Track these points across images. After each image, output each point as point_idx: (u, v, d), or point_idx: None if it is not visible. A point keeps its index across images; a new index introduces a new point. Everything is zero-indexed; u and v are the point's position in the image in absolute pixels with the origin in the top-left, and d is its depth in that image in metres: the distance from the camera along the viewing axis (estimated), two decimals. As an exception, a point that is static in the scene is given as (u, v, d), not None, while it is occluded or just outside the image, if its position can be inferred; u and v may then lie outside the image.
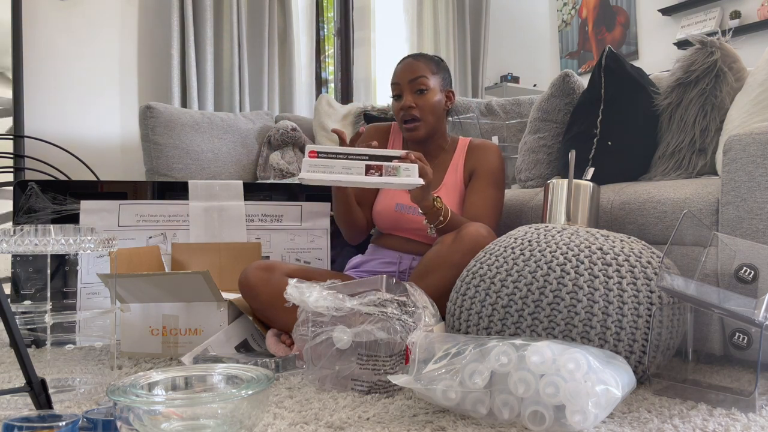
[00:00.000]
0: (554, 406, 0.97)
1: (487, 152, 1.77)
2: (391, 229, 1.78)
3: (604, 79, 1.94)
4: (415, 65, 1.72)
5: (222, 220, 2.05)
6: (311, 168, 1.42)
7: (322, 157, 1.42)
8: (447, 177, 1.77)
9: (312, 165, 1.42)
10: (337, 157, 1.42)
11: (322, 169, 1.42)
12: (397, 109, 1.73)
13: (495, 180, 1.74)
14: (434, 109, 1.72)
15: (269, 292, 1.51)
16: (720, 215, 1.40)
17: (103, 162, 2.93)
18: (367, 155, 1.43)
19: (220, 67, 3.35)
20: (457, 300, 1.36)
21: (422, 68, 1.72)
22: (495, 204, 1.72)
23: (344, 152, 1.43)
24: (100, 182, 1.98)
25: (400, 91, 1.72)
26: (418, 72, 1.71)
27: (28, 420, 0.89)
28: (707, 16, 4.00)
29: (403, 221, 1.74)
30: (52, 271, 1.81)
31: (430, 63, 1.75)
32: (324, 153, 1.43)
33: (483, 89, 4.63)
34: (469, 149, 1.80)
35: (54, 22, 2.92)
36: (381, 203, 1.78)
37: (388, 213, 1.76)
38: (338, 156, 1.43)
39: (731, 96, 1.75)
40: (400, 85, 1.72)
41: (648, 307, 1.22)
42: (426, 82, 1.70)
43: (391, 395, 1.19)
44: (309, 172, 1.42)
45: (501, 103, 2.60)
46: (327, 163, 1.42)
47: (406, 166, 1.43)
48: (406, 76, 1.71)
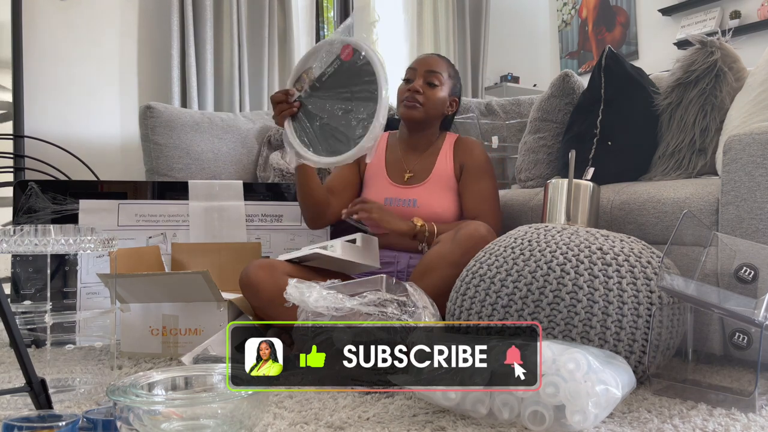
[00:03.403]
0: (554, 406, 0.97)
1: (473, 148, 1.84)
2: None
3: (604, 79, 1.94)
4: (436, 61, 1.81)
5: (222, 220, 2.05)
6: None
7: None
8: (437, 165, 1.81)
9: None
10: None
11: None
12: (404, 90, 1.78)
13: (486, 171, 1.80)
14: (437, 105, 1.78)
15: (270, 290, 1.51)
16: (720, 215, 1.40)
17: (103, 162, 2.93)
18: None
19: (220, 67, 3.34)
20: (456, 300, 1.36)
21: (441, 66, 1.80)
22: (493, 194, 1.78)
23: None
24: (100, 182, 1.98)
25: (413, 75, 1.78)
26: (436, 67, 1.79)
27: (28, 420, 0.89)
28: (707, 16, 4.00)
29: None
30: (52, 271, 1.80)
31: (450, 67, 1.84)
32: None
33: (483, 89, 4.62)
34: (456, 144, 1.86)
35: (54, 22, 2.92)
36: (370, 198, 1.79)
37: None
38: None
39: (731, 96, 1.75)
40: (415, 71, 1.78)
41: (648, 307, 1.22)
42: (441, 78, 1.78)
43: (391, 395, 1.19)
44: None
45: (501, 103, 2.60)
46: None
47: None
48: (424, 65, 1.79)
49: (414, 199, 1.76)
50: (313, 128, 1.50)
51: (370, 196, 1.79)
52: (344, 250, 1.57)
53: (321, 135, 1.49)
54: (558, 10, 5.02)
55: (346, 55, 1.48)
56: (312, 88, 1.51)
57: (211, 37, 3.28)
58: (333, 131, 1.48)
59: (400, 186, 1.81)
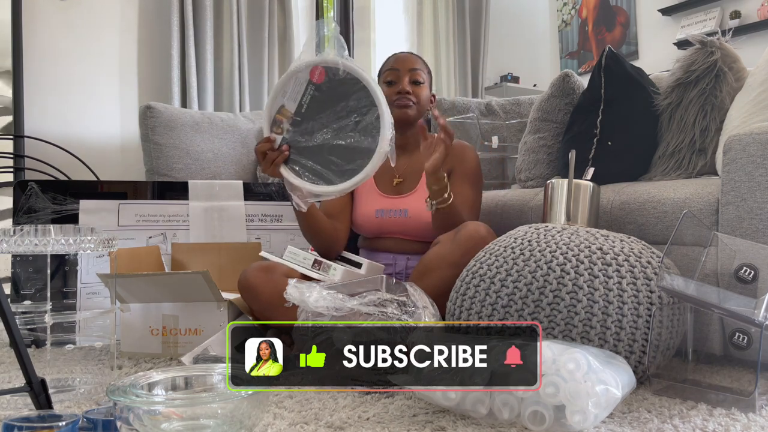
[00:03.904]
0: (554, 406, 0.97)
1: (465, 152, 1.79)
2: (376, 234, 1.79)
3: (604, 79, 1.94)
4: (415, 59, 1.81)
5: (222, 220, 2.05)
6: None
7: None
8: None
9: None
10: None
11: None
12: (391, 93, 1.74)
13: (473, 180, 1.76)
14: (424, 102, 1.78)
15: (269, 293, 1.51)
16: (720, 215, 1.40)
17: (103, 162, 2.93)
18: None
19: (220, 67, 3.34)
20: (456, 300, 1.36)
21: (420, 63, 1.81)
22: (474, 204, 1.74)
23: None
24: (100, 182, 1.98)
25: (397, 77, 1.76)
26: (417, 65, 1.78)
27: (28, 420, 0.89)
28: (707, 16, 4.00)
29: (386, 225, 1.75)
30: (52, 271, 1.81)
31: (425, 65, 1.83)
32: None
33: (483, 89, 4.62)
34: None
35: (54, 22, 2.92)
36: (360, 212, 1.78)
37: (369, 220, 1.77)
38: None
39: (731, 96, 1.75)
40: (398, 71, 1.76)
41: (648, 307, 1.22)
42: (423, 76, 1.78)
43: (391, 395, 1.19)
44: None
45: (501, 103, 2.60)
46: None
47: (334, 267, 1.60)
48: (406, 65, 1.77)
49: (405, 210, 1.74)
50: (312, 161, 1.43)
51: (361, 210, 1.77)
52: (345, 277, 1.54)
53: (324, 164, 1.42)
54: (558, 10, 5.03)
55: (318, 77, 1.41)
56: (294, 125, 1.43)
57: (211, 37, 3.29)
58: (337, 154, 1.41)
59: (390, 196, 1.77)
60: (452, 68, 4.44)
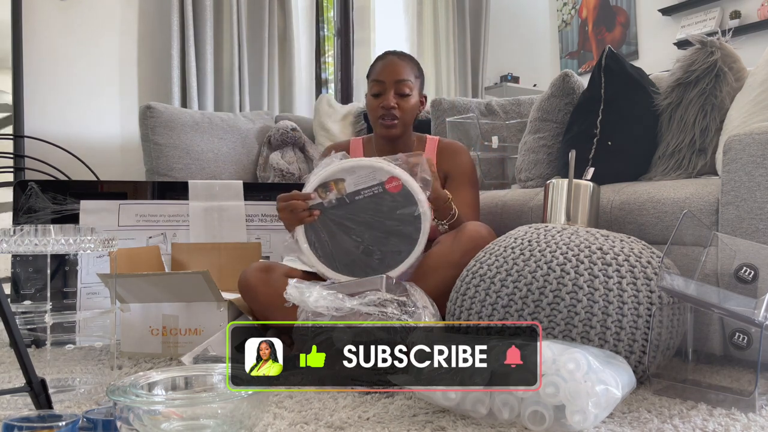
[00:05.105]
0: (554, 406, 0.97)
1: (458, 154, 1.78)
2: None
3: (604, 79, 1.94)
4: (401, 66, 1.72)
5: (222, 220, 2.05)
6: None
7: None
8: None
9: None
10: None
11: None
12: (376, 107, 1.70)
13: (470, 181, 1.76)
14: (412, 112, 1.73)
15: (269, 293, 1.50)
16: (720, 215, 1.40)
17: (103, 162, 2.93)
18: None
19: (220, 67, 3.34)
20: (457, 300, 1.36)
21: (408, 71, 1.72)
22: (476, 201, 1.75)
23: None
24: (100, 182, 1.99)
25: (382, 89, 1.70)
26: (404, 75, 1.70)
27: (28, 420, 0.89)
28: (707, 16, 4.00)
29: None
30: (52, 271, 1.81)
31: (415, 67, 1.75)
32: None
33: (483, 89, 4.62)
34: (440, 150, 1.80)
35: (54, 22, 2.92)
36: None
37: None
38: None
39: (731, 96, 1.75)
40: (384, 84, 1.70)
41: (648, 307, 1.22)
42: (411, 85, 1.70)
43: (391, 395, 1.19)
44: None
45: (501, 103, 2.60)
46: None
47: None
48: (392, 76, 1.70)
49: None
50: (330, 242, 1.44)
51: None
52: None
53: (338, 251, 1.44)
54: (558, 10, 5.02)
55: (393, 186, 1.42)
56: (339, 201, 1.44)
57: (211, 37, 3.29)
58: (356, 254, 1.43)
59: None
60: (452, 68, 4.44)
